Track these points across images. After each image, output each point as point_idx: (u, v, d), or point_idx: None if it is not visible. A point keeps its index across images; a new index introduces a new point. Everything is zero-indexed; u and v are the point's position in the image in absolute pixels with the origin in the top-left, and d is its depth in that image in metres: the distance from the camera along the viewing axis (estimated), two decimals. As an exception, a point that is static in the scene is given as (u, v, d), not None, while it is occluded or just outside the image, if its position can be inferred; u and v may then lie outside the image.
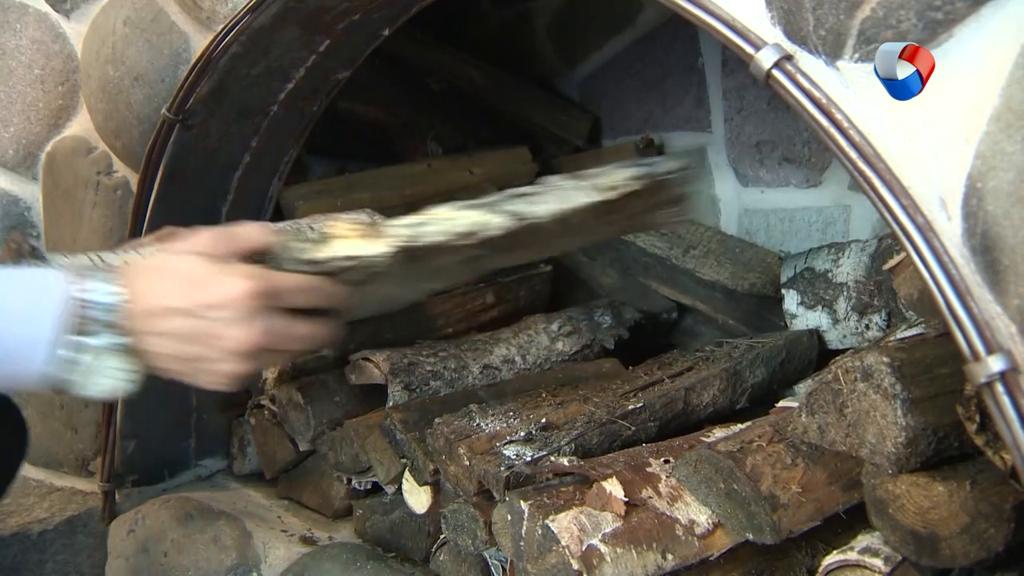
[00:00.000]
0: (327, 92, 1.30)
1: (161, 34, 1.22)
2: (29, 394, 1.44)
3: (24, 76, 1.40)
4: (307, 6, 1.08)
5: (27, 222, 1.49)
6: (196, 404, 1.44)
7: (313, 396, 1.25)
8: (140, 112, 1.25)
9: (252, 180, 1.36)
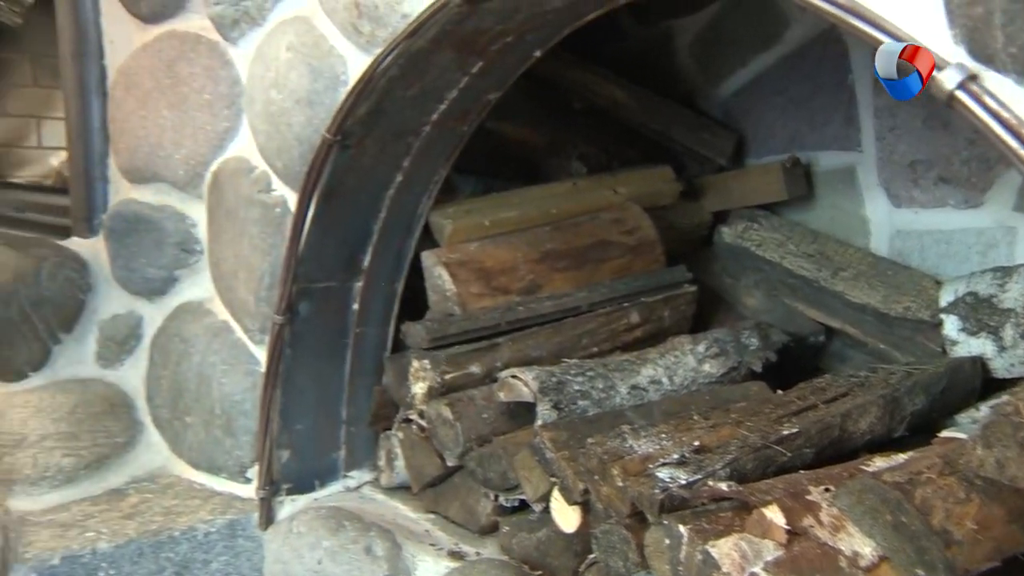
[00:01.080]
0: (478, 113, 1.32)
1: (321, 58, 1.27)
2: (193, 403, 1.52)
3: (195, 101, 1.47)
4: (463, 29, 1.10)
5: (192, 238, 1.57)
6: (346, 417, 1.49)
7: (462, 412, 1.26)
8: (300, 133, 1.30)
9: (403, 199, 1.39)
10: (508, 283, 1.43)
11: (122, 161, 1.65)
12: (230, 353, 1.50)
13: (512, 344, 1.36)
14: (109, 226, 1.67)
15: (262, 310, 1.42)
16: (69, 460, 1.52)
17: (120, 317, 1.65)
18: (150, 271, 1.60)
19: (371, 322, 1.47)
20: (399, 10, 1.11)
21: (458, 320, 1.36)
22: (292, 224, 1.31)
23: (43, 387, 1.58)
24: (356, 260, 1.41)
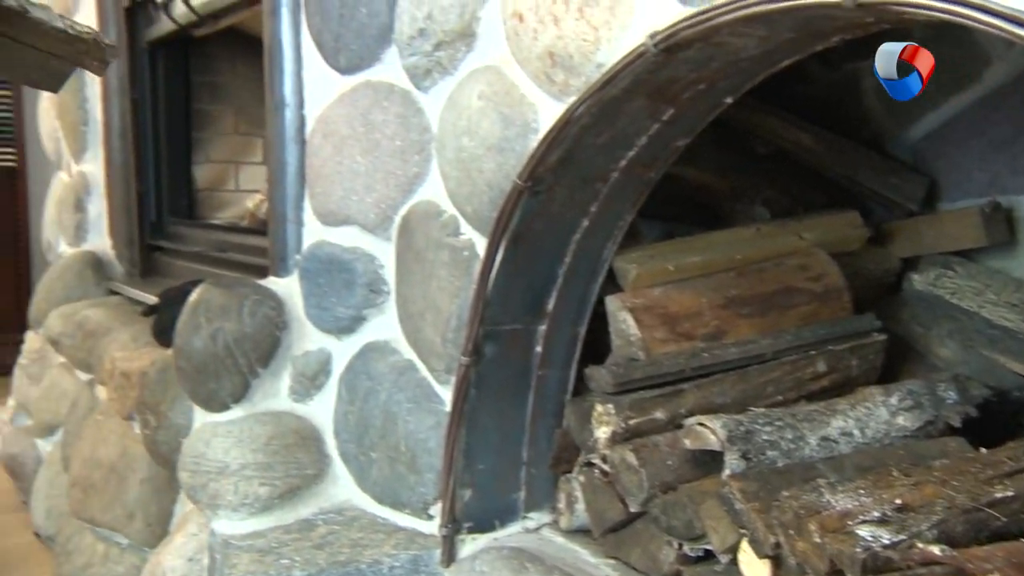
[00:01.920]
0: (665, 159, 1.33)
1: (513, 106, 1.30)
2: (379, 439, 1.57)
3: (387, 147, 1.54)
4: (657, 78, 1.11)
5: (380, 279, 1.64)
6: (527, 458, 1.50)
7: (646, 458, 1.26)
8: (491, 179, 1.34)
9: (589, 244, 1.41)
10: (692, 329, 1.42)
11: (317, 205, 1.74)
12: (415, 392, 1.55)
13: (697, 391, 1.35)
14: (303, 266, 1.76)
15: (448, 351, 1.45)
16: (265, 489, 1.60)
17: (311, 354, 1.73)
18: (340, 310, 1.68)
19: (553, 365, 1.48)
20: (594, 60, 1.13)
21: (642, 365, 1.36)
22: (481, 267, 1.35)
23: (243, 418, 1.67)
24: (541, 303, 1.43)
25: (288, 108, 1.77)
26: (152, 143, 2.78)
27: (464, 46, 1.39)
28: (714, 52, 1.04)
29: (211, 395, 1.70)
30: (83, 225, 3.03)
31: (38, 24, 1.45)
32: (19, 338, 3.26)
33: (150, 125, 2.76)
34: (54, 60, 1.55)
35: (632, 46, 1.04)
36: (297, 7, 1.74)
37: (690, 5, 0.98)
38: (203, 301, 1.73)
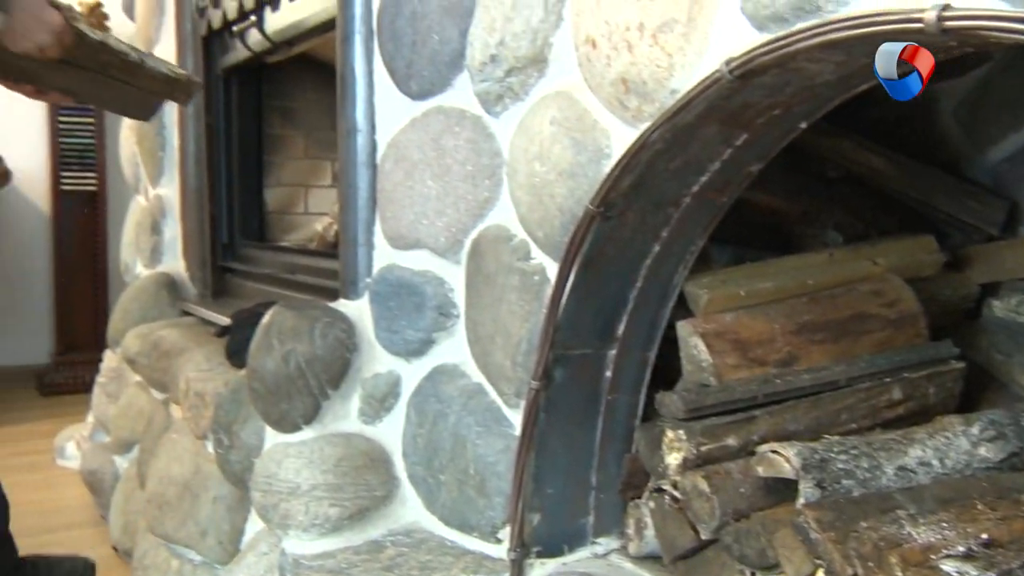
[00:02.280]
0: (738, 184, 1.32)
1: (585, 132, 1.31)
2: (448, 462, 1.57)
3: (458, 172, 1.56)
4: (731, 104, 1.11)
5: (450, 302, 1.65)
6: (596, 483, 1.50)
7: (719, 485, 1.25)
8: (562, 204, 1.34)
9: (660, 269, 1.40)
10: (764, 355, 1.40)
11: (387, 228, 1.77)
12: (484, 415, 1.55)
13: (769, 417, 1.33)
14: (374, 289, 1.78)
15: (518, 375, 1.46)
16: (335, 510, 1.61)
17: (381, 376, 1.75)
18: (410, 333, 1.69)
19: (623, 389, 1.48)
20: (668, 86, 1.13)
21: (714, 391, 1.35)
22: (552, 292, 1.35)
23: (313, 440, 1.69)
24: (611, 328, 1.43)
25: (360, 133, 1.80)
26: (225, 167, 2.84)
27: (536, 72, 1.40)
28: (790, 78, 1.03)
29: (283, 416, 1.72)
30: (159, 247, 3.11)
31: (149, 71, 1.77)
32: (98, 356, 3.35)
33: (223, 150, 2.83)
34: (151, 96, 1.85)
35: (707, 72, 1.04)
36: (370, 35, 1.78)
37: (766, 31, 0.98)
38: (276, 323, 1.76)
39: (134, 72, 1.74)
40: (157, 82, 1.80)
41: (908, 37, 0.82)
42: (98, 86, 1.75)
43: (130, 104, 1.90)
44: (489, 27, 1.44)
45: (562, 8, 1.34)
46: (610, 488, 1.50)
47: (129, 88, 1.78)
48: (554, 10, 1.34)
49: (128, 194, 3.63)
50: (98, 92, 1.80)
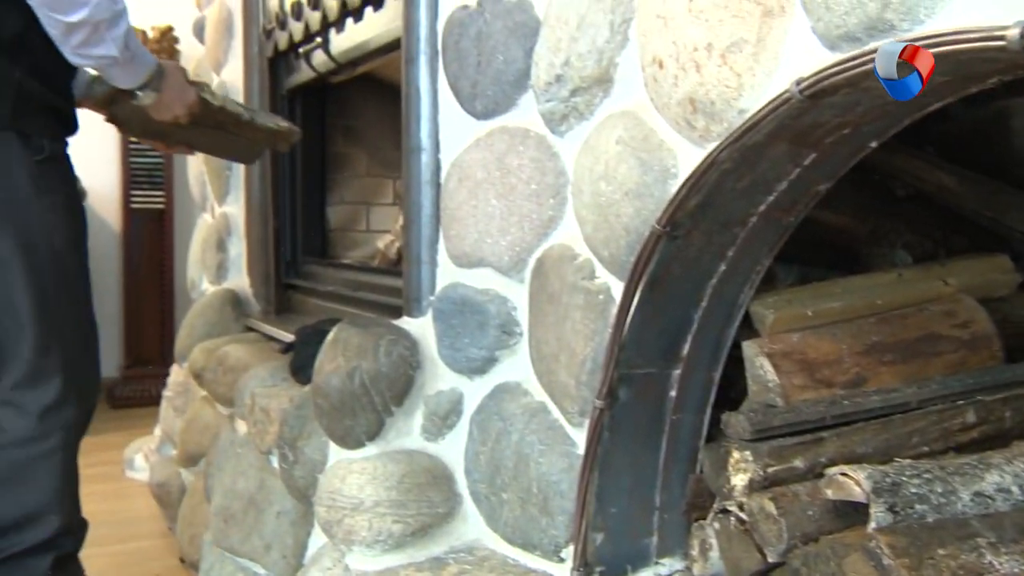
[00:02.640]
0: (805, 204, 1.31)
1: (651, 152, 1.31)
2: (510, 480, 1.58)
3: (522, 191, 1.56)
4: (800, 123, 1.10)
5: (513, 320, 1.65)
6: (660, 503, 1.49)
7: (786, 508, 1.23)
8: (628, 224, 1.34)
9: (725, 288, 1.39)
10: (832, 376, 1.39)
11: (451, 247, 1.78)
12: (547, 434, 1.55)
13: (837, 439, 1.32)
14: (437, 307, 1.79)
15: (582, 393, 1.46)
16: (398, 526, 1.63)
17: (443, 393, 1.76)
18: (473, 351, 1.70)
19: (687, 409, 1.47)
20: (736, 106, 1.13)
21: (781, 412, 1.33)
22: (617, 311, 1.35)
23: (377, 456, 1.71)
24: (676, 348, 1.42)
25: (424, 152, 1.82)
26: (289, 186, 2.89)
27: (601, 92, 1.40)
28: (861, 97, 1.02)
29: (347, 432, 1.74)
30: (224, 264, 3.17)
31: (258, 125, 2.13)
32: (165, 370, 3.42)
33: (288, 168, 2.88)
34: (257, 144, 2.22)
35: (776, 92, 1.04)
36: (434, 55, 1.80)
37: (838, 51, 0.97)
38: (341, 340, 1.78)
39: (245, 127, 2.11)
40: (263, 134, 2.15)
41: (988, 55, 0.81)
42: (214, 139, 2.13)
43: (239, 152, 2.29)
44: (554, 47, 1.45)
45: (628, 29, 1.34)
46: (674, 508, 1.49)
47: (239, 139, 2.14)
48: (620, 30, 1.34)
49: (194, 212, 3.71)
50: (213, 144, 2.21)
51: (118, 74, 1.83)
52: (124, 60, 1.79)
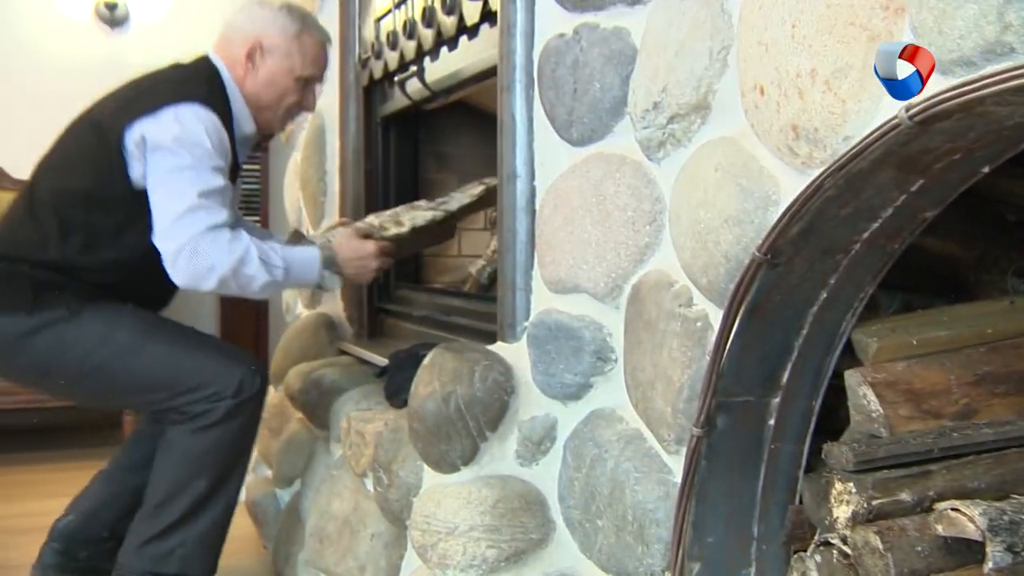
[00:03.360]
0: (911, 230, 1.28)
1: (751, 179, 1.30)
2: (605, 507, 1.57)
3: (619, 217, 1.57)
4: (908, 149, 1.08)
5: (608, 347, 1.65)
6: (758, 534, 1.46)
7: (893, 543, 1.20)
8: (728, 251, 1.33)
9: (826, 316, 1.37)
10: (939, 406, 1.35)
11: (546, 273, 1.79)
12: (643, 461, 1.54)
13: (946, 473, 1.28)
14: (531, 333, 1.80)
15: (679, 421, 1.45)
16: (492, 552, 1.63)
17: (537, 419, 1.77)
18: (567, 377, 1.70)
19: (786, 438, 1.45)
20: (840, 132, 1.12)
21: (886, 443, 1.30)
22: (716, 339, 1.34)
23: (471, 481, 1.72)
24: (775, 376, 1.40)
25: (519, 179, 1.84)
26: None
27: (699, 118, 1.40)
28: (975, 122, 1.00)
29: (442, 456, 1.76)
30: (319, 288, 3.23)
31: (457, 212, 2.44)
32: (260, 392, 3.49)
33: (381, 194, 2.93)
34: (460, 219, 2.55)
35: (884, 119, 1.02)
36: (530, 83, 1.82)
37: (951, 76, 0.96)
38: (436, 365, 1.81)
39: (447, 220, 2.42)
40: (468, 209, 2.44)
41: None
42: (428, 239, 2.52)
43: (444, 235, 2.61)
44: (652, 75, 1.45)
45: (727, 55, 1.34)
46: (772, 539, 1.46)
47: (445, 225, 2.44)
48: (719, 57, 1.34)
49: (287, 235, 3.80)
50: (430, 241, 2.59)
51: (293, 285, 2.18)
52: (283, 277, 2.09)
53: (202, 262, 2.01)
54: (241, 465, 2.26)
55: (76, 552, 2.35)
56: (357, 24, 2.90)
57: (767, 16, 1.22)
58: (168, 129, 2.07)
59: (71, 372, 2.12)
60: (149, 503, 2.15)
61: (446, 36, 2.26)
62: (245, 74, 2.28)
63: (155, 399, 2.14)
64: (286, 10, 2.32)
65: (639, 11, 1.55)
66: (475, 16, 2.09)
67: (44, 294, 2.08)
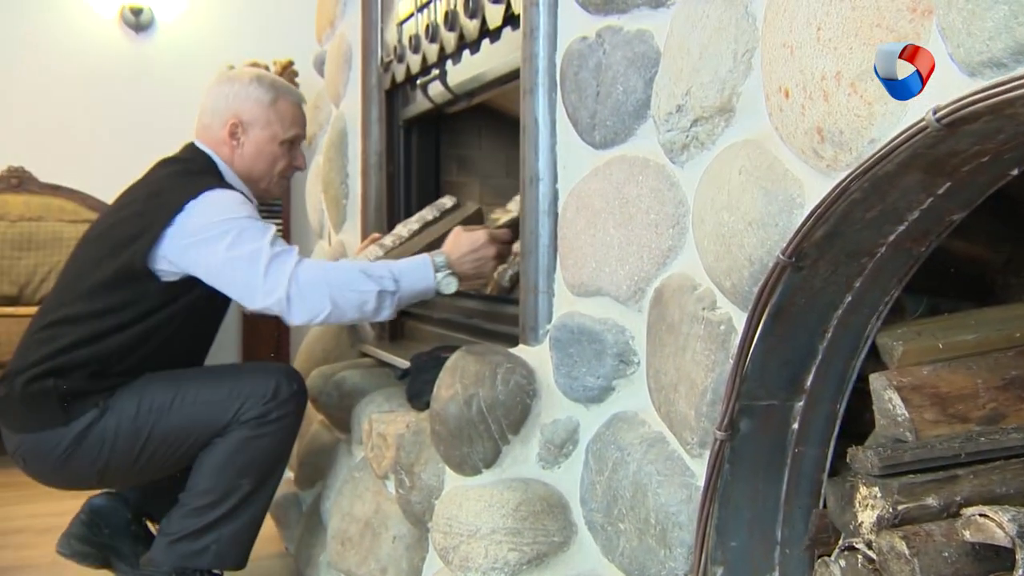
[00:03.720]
0: (938, 233, 1.27)
1: (775, 181, 1.29)
2: (627, 511, 1.57)
3: (641, 221, 1.56)
4: (936, 152, 1.07)
5: (630, 350, 1.65)
6: (781, 538, 1.46)
7: (919, 548, 1.19)
8: (752, 254, 1.33)
9: (851, 319, 1.36)
10: (966, 411, 1.34)
11: (568, 276, 1.79)
12: (665, 464, 1.54)
13: (973, 478, 1.27)
14: (554, 336, 1.80)
15: (702, 425, 1.44)
16: (514, 554, 1.63)
17: (559, 422, 1.76)
18: (590, 380, 1.70)
19: (810, 442, 1.44)
20: (866, 135, 1.11)
21: (912, 448, 1.29)
22: (739, 342, 1.33)
23: (493, 483, 1.72)
24: (799, 379, 1.40)
25: (542, 182, 1.84)
26: (404, 214, 2.95)
27: (723, 121, 1.40)
28: (1004, 124, 0.99)
29: (464, 459, 1.76)
30: (340, 291, 3.24)
31: None
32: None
33: (402, 197, 2.94)
34: None
35: (911, 121, 1.02)
36: (553, 86, 1.82)
37: (980, 77, 0.95)
38: (458, 367, 1.81)
39: None
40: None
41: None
42: None
43: None
44: (675, 77, 1.45)
45: (751, 58, 1.33)
46: (796, 544, 1.46)
47: None
48: (743, 60, 1.34)
49: (311, 239, 3.82)
50: None
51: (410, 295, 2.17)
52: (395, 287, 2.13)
53: (311, 294, 2.09)
54: (282, 464, 2.29)
55: (100, 527, 2.40)
56: (379, 28, 2.91)
57: (792, 18, 1.22)
58: (203, 218, 2.16)
59: (123, 458, 2.17)
60: (190, 503, 2.18)
61: (468, 39, 2.27)
62: (232, 152, 2.37)
63: (208, 433, 2.19)
64: (256, 81, 2.40)
65: (662, 14, 1.54)
66: (498, 19, 2.09)
67: (74, 403, 2.14)
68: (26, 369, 2.15)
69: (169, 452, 2.19)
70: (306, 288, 2.09)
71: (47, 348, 2.16)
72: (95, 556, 2.39)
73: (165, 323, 2.21)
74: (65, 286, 2.28)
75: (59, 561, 2.47)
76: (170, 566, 2.17)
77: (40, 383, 2.13)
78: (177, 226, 2.13)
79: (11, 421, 2.19)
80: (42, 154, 4.85)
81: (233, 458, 2.16)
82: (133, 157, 3.55)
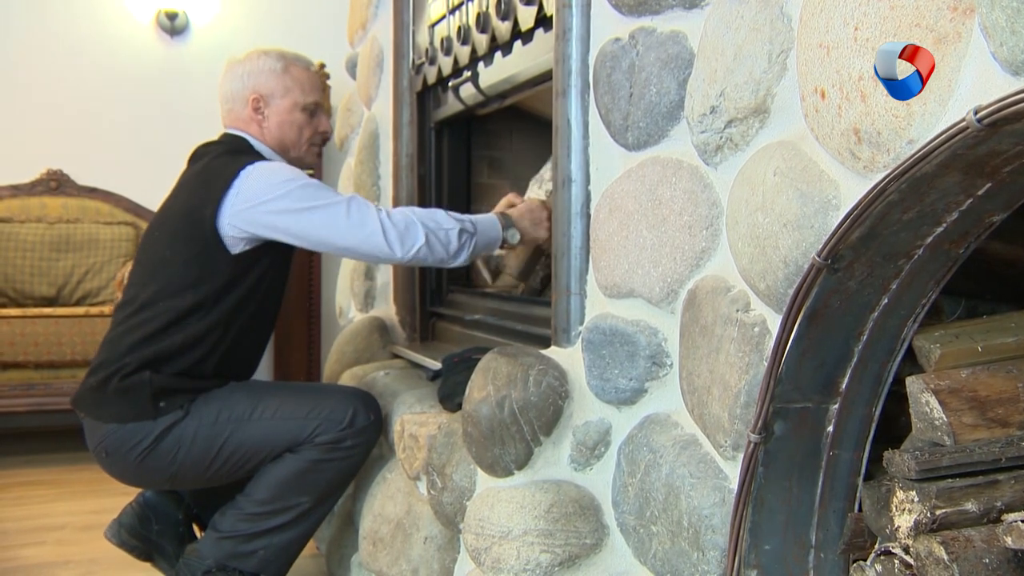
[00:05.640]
0: (977, 235, 1.26)
1: (811, 183, 1.28)
2: (660, 513, 1.56)
3: (675, 222, 1.56)
4: (976, 153, 1.06)
5: (663, 351, 1.65)
6: (815, 542, 1.44)
7: (958, 554, 1.18)
8: (787, 256, 1.32)
9: (887, 321, 1.35)
10: (1006, 415, 1.32)
11: (601, 278, 1.78)
12: (698, 467, 1.53)
13: (1015, 483, 1.25)
14: (586, 338, 1.80)
15: (736, 427, 1.43)
16: (546, 556, 1.63)
17: (591, 424, 1.76)
18: (622, 382, 1.70)
19: (845, 445, 1.43)
20: (904, 136, 1.10)
21: (950, 452, 1.27)
22: (774, 344, 1.32)
23: (525, 485, 1.72)
24: (833, 382, 1.38)
25: (574, 184, 1.84)
26: (435, 216, 2.96)
27: (757, 122, 1.39)
28: (1045, 124, 0.98)
29: (496, 460, 1.76)
30: (372, 292, 3.26)
31: None
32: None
33: (434, 198, 2.95)
34: None
35: (950, 121, 1.01)
36: (585, 88, 1.82)
37: (1023, 77, 0.94)
38: (490, 369, 1.81)
39: None
40: None
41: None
42: None
43: None
44: (709, 78, 1.44)
45: (787, 58, 1.32)
46: (831, 547, 1.45)
47: None
48: (778, 60, 1.33)
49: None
50: None
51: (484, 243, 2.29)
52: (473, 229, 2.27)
53: (402, 224, 2.18)
54: (342, 488, 2.33)
55: (151, 522, 2.43)
56: (411, 30, 2.92)
57: (828, 18, 1.21)
58: (262, 182, 2.20)
59: (196, 462, 2.21)
60: (247, 508, 2.21)
61: (501, 41, 2.27)
62: (260, 127, 2.42)
63: (281, 448, 2.23)
64: (263, 55, 2.46)
65: (696, 15, 1.54)
66: (530, 21, 2.10)
67: (165, 399, 2.19)
68: (118, 360, 2.20)
69: (240, 462, 2.22)
70: (397, 218, 2.18)
71: (134, 336, 2.20)
72: (140, 550, 2.42)
73: (237, 305, 2.25)
74: (139, 276, 2.31)
75: (98, 558, 2.51)
76: (214, 559, 2.20)
77: (137, 376, 2.17)
78: (236, 190, 2.18)
79: (102, 411, 2.22)
80: (79, 157, 4.92)
81: (299, 476, 2.19)
82: (168, 160, 3.59)
